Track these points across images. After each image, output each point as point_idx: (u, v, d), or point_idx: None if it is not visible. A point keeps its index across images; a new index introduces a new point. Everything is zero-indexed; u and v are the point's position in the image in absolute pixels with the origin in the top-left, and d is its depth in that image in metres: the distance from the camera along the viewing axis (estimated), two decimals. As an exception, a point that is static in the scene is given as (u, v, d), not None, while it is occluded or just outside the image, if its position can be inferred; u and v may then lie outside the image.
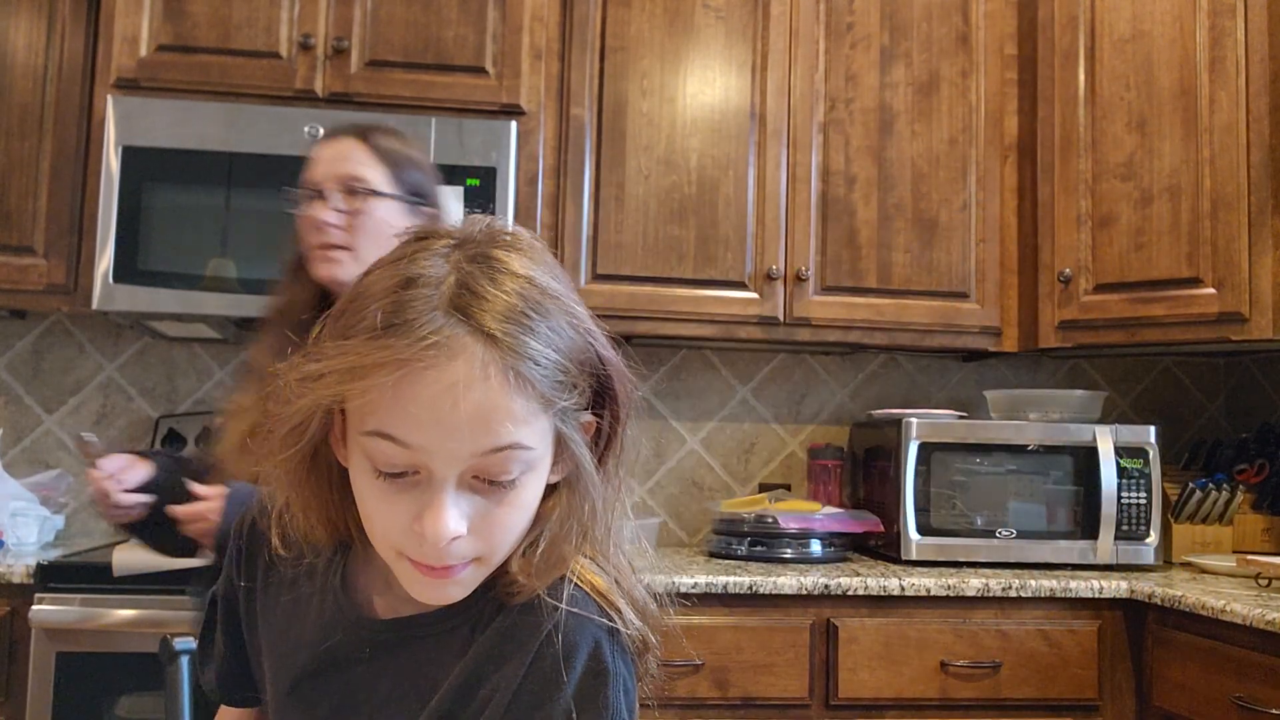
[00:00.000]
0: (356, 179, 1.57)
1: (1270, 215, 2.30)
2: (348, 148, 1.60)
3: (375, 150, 1.60)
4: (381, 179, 1.59)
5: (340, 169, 1.58)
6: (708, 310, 2.53)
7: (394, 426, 0.72)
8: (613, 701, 0.79)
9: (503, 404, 0.72)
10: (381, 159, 1.60)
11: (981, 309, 2.62)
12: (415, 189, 1.62)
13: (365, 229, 1.55)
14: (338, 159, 1.59)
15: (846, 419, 2.92)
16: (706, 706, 2.14)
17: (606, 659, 0.79)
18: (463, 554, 0.76)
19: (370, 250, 1.52)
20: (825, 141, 2.60)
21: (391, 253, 0.80)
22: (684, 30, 2.58)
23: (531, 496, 0.79)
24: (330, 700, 0.86)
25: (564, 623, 0.79)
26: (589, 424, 0.82)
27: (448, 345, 0.71)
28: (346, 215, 1.56)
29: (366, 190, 1.56)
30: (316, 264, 1.57)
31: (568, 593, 0.81)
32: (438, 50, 2.42)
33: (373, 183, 1.57)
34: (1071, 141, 2.57)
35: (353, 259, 1.54)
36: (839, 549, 2.46)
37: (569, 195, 2.51)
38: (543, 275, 0.78)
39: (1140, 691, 2.23)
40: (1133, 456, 2.44)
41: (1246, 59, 2.34)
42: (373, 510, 0.77)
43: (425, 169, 1.67)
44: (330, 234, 1.55)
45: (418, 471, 0.74)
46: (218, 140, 2.29)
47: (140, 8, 2.33)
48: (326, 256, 1.56)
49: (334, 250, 1.55)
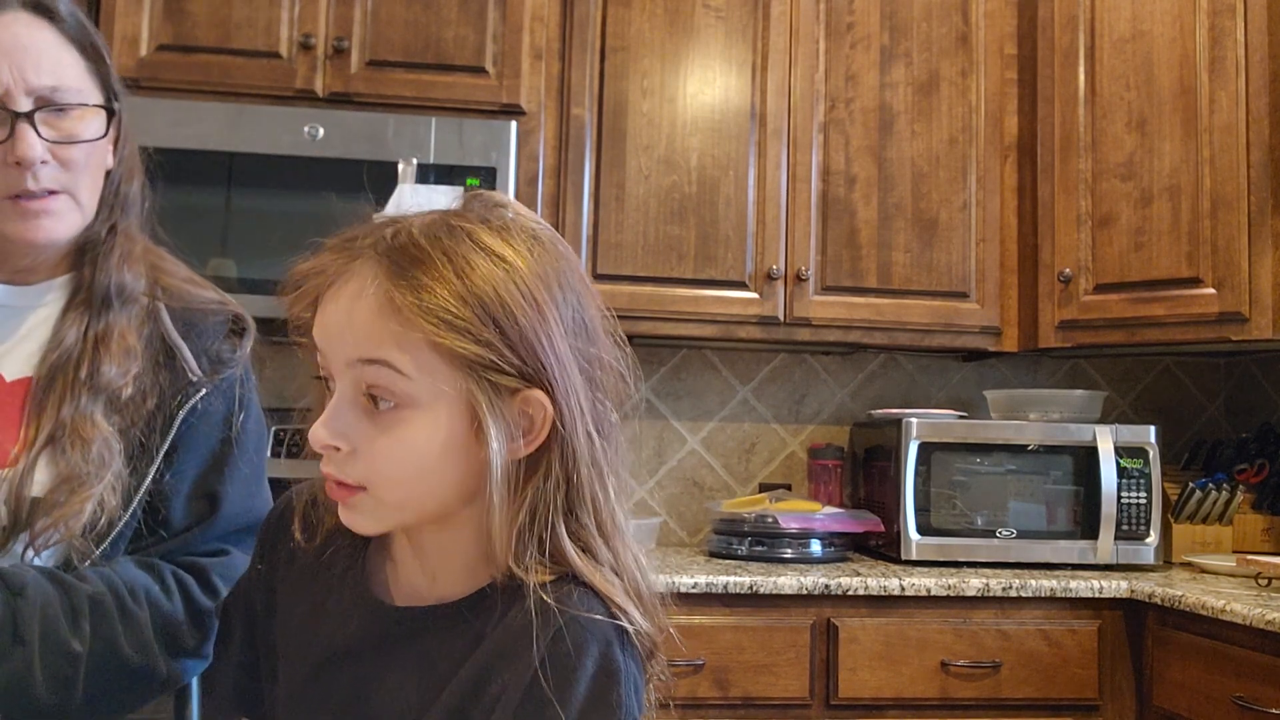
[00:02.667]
0: (59, 87, 1.08)
1: (1270, 215, 2.30)
2: (34, 32, 1.08)
3: (68, 33, 1.12)
4: (87, 81, 1.12)
5: (32, 72, 1.06)
6: (708, 310, 2.54)
7: (313, 328, 0.84)
8: (624, 700, 0.79)
9: (375, 320, 0.79)
10: (80, 47, 1.13)
11: (981, 309, 2.62)
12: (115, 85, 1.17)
13: (82, 163, 1.10)
14: (24, 51, 1.06)
15: (846, 419, 2.92)
16: (707, 706, 2.14)
17: (617, 658, 0.80)
18: (343, 471, 0.81)
19: (94, 192, 1.13)
20: (825, 141, 2.60)
21: None
22: (684, 30, 2.58)
23: (415, 436, 0.80)
24: (343, 689, 0.86)
25: (574, 621, 0.80)
26: (536, 399, 0.81)
27: (355, 265, 0.82)
28: (55, 145, 1.08)
29: (77, 104, 1.10)
30: (10, 222, 1.07)
31: (576, 592, 0.82)
32: (438, 50, 2.42)
33: (80, 90, 1.11)
34: (1071, 141, 2.57)
35: (75, 207, 1.11)
36: (839, 549, 2.46)
37: (569, 195, 2.51)
38: (510, 253, 0.82)
39: (1140, 691, 2.23)
40: (1133, 456, 2.44)
41: (1246, 59, 2.34)
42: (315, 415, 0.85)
43: None
44: (39, 174, 1.06)
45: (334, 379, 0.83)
46: (218, 140, 2.29)
47: (140, 8, 2.33)
48: (31, 209, 1.08)
49: (46, 199, 1.08)
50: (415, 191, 2.29)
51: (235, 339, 1.19)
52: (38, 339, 1.12)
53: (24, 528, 1.02)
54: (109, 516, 1.04)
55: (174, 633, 1.07)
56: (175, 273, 1.22)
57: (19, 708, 0.98)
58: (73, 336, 1.10)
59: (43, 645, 0.97)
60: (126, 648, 1.02)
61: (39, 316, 1.14)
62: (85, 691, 1.00)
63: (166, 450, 1.10)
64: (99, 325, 1.11)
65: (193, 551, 1.12)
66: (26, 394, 1.09)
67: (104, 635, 1.01)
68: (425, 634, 0.85)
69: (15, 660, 0.96)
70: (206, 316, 1.18)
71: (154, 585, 1.06)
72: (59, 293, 1.15)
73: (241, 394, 1.17)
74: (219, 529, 1.13)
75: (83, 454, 1.04)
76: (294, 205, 2.30)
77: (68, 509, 1.02)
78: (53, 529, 1.02)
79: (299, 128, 2.31)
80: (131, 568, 1.07)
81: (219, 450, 1.14)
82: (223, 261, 2.25)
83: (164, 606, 1.06)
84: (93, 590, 1.01)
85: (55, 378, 1.08)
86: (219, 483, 1.14)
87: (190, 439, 1.12)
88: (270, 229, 2.28)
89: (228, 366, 1.16)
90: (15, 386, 1.10)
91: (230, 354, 1.17)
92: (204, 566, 1.11)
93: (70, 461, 1.03)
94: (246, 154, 2.29)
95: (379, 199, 2.29)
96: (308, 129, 2.31)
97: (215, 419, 1.14)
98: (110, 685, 1.02)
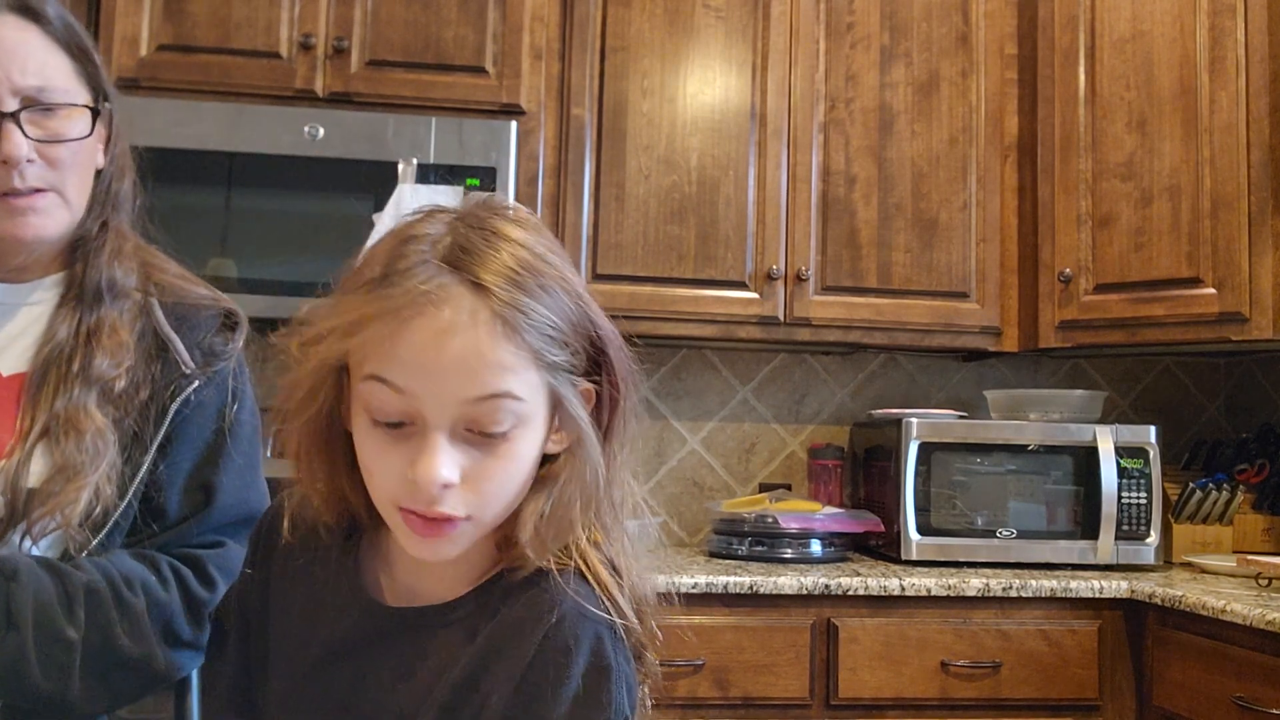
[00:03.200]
0: (45, 87, 1.10)
1: (1270, 215, 2.30)
2: (20, 34, 1.09)
3: (54, 34, 1.12)
4: (74, 82, 1.13)
5: (18, 73, 1.07)
6: (708, 310, 2.54)
7: (386, 370, 0.75)
8: (614, 697, 0.79)
9: (490, 351, 0.75)
10: (66, 47, 1.13)
11: (981, 309, 2.62)
12: (104, 84, 1.17)
13: (69, 161, 1.12)
14: (9, 53, 1.08)
15: (847, 419, 2.92)
16: (707, 706, 2.14)
17: (608, 654, 0.80)
18: (455, 505, 0.77)
19: (82, 190, 1.15)
20: (825, 141, 2.60)
21: (395, 226, 0.83)
22: (684, 30, 2.58)
23: (526, 453, 0.80)
24: (339, 687, 0.86)
25: (567, 617, 0.80)
26: (588, 391, 0.83)
27: (437, 293, 0.74)
28: (41, 144, 1.09)
29: (64, 103, 1.11)
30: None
31: (573, 585, 0.82)
32: (438, 50, 2.42)
33: (66, 89, 1.12)
34: (1071, 141, 2.57)
35: (62, 205, 1.13)
36: (839, 549, 2.46)
37: (569, 195, 2.51)
38: (539, 245, 0.80)
39: (1140, 691, 2.23)
40: (1133, 456, 2.44)
41: (1246, 59, 2.34)
42: (371, 461, 0.79)
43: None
44: (26, 173, 1.08)
45: (413, 422, 0.76)
46: (218, 140, 2.29)
47: (140, 8, 2.33)
48: (18, 207, 1.09)
49: (32, 197, 1.10)
50: (415, 191, 2.29)
51: (228, 333, 1.20)
52: (32, 335, 1.14)
53: (21, 518, 1.03)
54: (105, 506, 1.06)
55: (170, 623, 1.07)
56: (167, 269, 1.23)
57: (16, 693, 0.99)
58: (65, 331, 1.12)
59: (37, 631, 0.98)
60: (123, 637, 1.03)
61: (33, 313, 1.15)
62: (83, 680, 1.01)
63: (161, 442, 1.11)
64: (91, 319, 1.12)
65: (189, 543, 1.13)
66: (21, 389, 1.10)
67: (99, 624, 1.02)
68: (420, 631, 0.85)
69: (9, 645, 0.97)
70: (199, 311, 1.19)
71: (150, 576, 1.07)
72: (52, 289, 1.17)
73: (235, 386, 1.18)
74: (214, 520, 1.14)
75: (77, 444, 1.05)
76: (294, 205, 2.30)
77: (63, 498, 1.03)
78: (49, 518, 1.03)
79: (299, 128, 2.31)
80: (128, 559, 1.08)
81: (213, 442, 1.15)
82: (223, 261, 2.25)
83: (160, 597, 1.07)
84: (88, 579, 1.02)
85: (49, 371, 1.10)
86: (213, 474, 1.15)
87: (184, 431, 1.13)
88: (270, 229, 2.28)
89: (220, 359, 1.17)
90: (10, 381, 1.11)
91: (223, 347, 1.18)
92: (200, 558, 1.12)
93: (65, 452, 1.05)
94: (246, 154, 2.29)
95: (379, 199, 2.29)
96: (308, 129, 2.31)
97: (209, 411, 1.16)
98: (108, 674, 1.03)
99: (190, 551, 1.12)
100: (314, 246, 2.27)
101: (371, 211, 2.29)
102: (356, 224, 2.27)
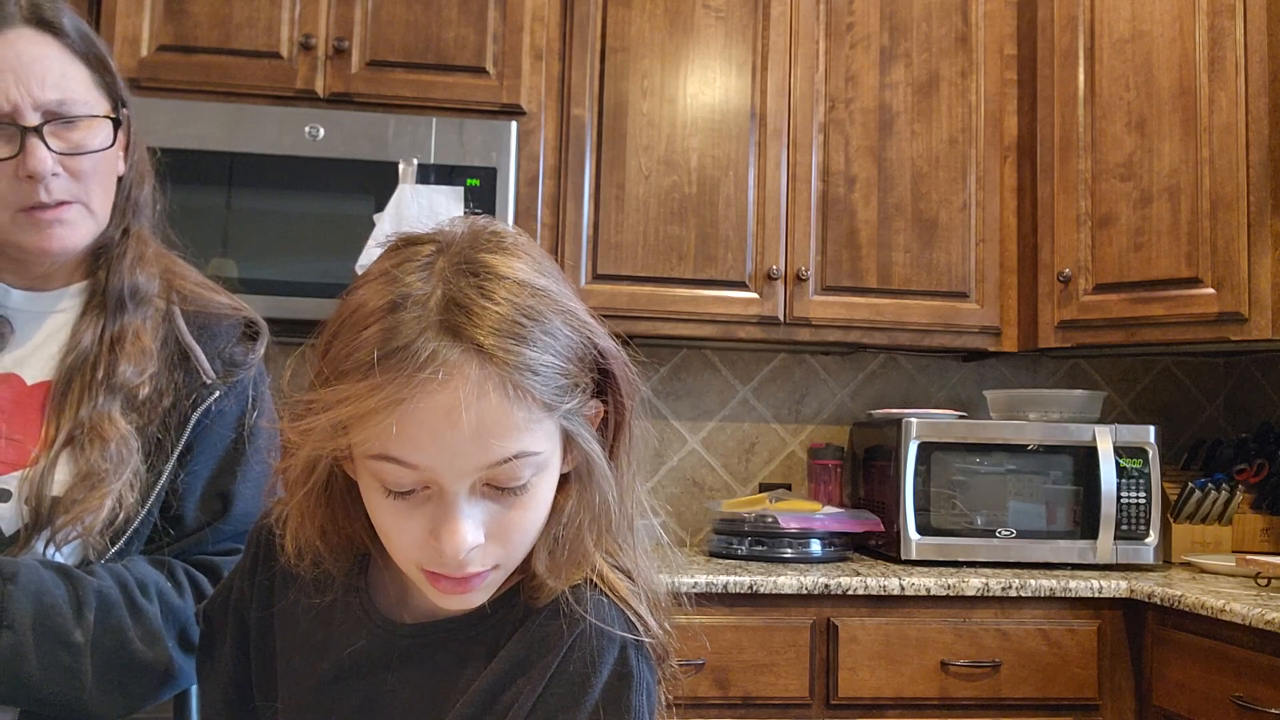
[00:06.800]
0: (66, 100, 1.09)
1: (1270, 215, 2.31)
2: (39, 48, 1.09)
3: (72, 46, 1.11)
4: (94, 93, 1.13)
5: (38, 87, 1.07)
6: (708, 310, 2.54)
7: (397, 450, 0.72)
8: (635, 705, 0.79)
9: (503, 418, 0.72)
10: (84, 59, 1.12)
11: (981, 309, 2.63)
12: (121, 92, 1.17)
13: (91, 172, 1.12)
14: (28, 67, 1.07)
15: (846, 419, 2.92)
16: (707, 706, 2.14)
17: (632, 663, 0.80)
18: (482, 561, 0.76)
19: (106, 199, 1.15)
20: (825, 141, 2.60)
21: (374, 266, 0.78)
22: (684, 30, 2.58)
23: (545, 494, 0.79)
24: (352, 705, 0.85)
25: (590, 628, 0.80)
26: (595, 413, 0.82)
27: (442, 369, 0.71)
28: (64, 157, 1.09)
29: (84, 115, 1.11)
30: (26, 233, 1.09)
31: (593, 599, 0.82)
32: (438, 50, 2.42)
33: (86, 101, 1.11)
34: (1071, 141, 2.57)
35: (88, 215, 1.13)
36: (839, 549, 2.46)
37: (569, 195, 2.51)
38: (532, 274, 0.77)
39: (1140, 691, 2.23)
40: (1132, 456, 2.45)
41: (1246, 59, 2.35)
42: (388, 527, 0.77)
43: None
44: (51, 186, 1.08)
45: (428, 486, 0.74)
46: (218, 140, 2.29)
47: (141, 8, 2.34)
48: (45, 220, 1.10)
49: (59, 209, 1.10)
50: (416, 192, 2.29)
51: (249, 343, 1.21)
52: (56, 343, 1.14)
53: (45, 525, 1.04)
54: (126, 514, 1.06)
55: (186, 629, 1.08)
56: (189, 277, 1.24)
57: (17, 696, 0.99)
58: (89, 339, 1.13)
59: (37, 633, 0.98)
60: (136, 641, 1.03)
61: (57, 321, 1.16)
62: (95, 683, 1.01)
63: (181, 450, 1.12)
64: (114, 327, 1.13)
65: (205, 550, 1.14)
66: (46, 396, 1.11)
67: (111, 627, 1.02)
68: (439, 648, 0.84)
69: (2, 645, 0.97)
70: (220, 320, 1.20)
71: (165, 581, 1.08)
72: (76, 298, 1.17)
73: (255, 394, 1.19)
74: (231, 528, 1.15)
75: (101, 452, 1.05)
76: (294, 205, 2.30)
77: (86, 505, 1.03)
78: (72, 525, 1.03)
79: (299, 128, 2.31)
80: (144, 565, 1.09)
81: (232, 450, 1.16)
82: (223, 261, 2.26)
83: (175, 602, 1.07)
84: (101, 584, 1.03)
85: (73, 379, 1.11)
86: (232, 483, 1.15)
87: (204, 440, 1.14)
88: (271, 229, 2.28)
89: (241, 369, 1.18)
90: (35, 390, 1.12)
91: (244, 357, 1.19)
92: (216, 564, 1.13)
93: (89, 459, 1.05)
94: (247, 154, 2.29)
95: (379, 199, 2.30)
96: (308, 129, 2.31)
97: (229, 420, 1.16)
98: (121, 678, 1.03)
99: (206, 558, 1.13)
100: (314, 247, 2.28)
101: (372, 212, 2.29)
102: (357, 224, 2.27)
